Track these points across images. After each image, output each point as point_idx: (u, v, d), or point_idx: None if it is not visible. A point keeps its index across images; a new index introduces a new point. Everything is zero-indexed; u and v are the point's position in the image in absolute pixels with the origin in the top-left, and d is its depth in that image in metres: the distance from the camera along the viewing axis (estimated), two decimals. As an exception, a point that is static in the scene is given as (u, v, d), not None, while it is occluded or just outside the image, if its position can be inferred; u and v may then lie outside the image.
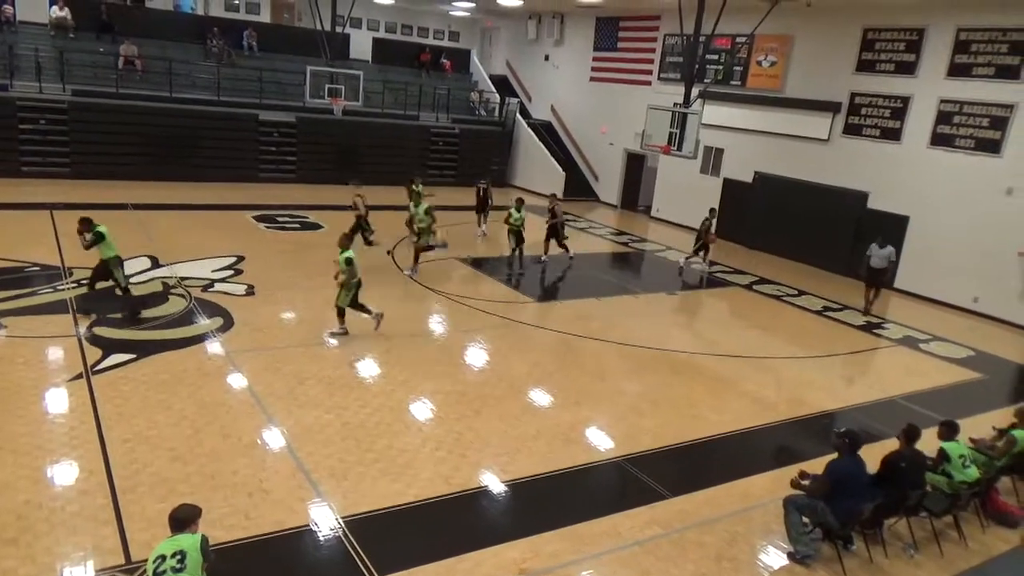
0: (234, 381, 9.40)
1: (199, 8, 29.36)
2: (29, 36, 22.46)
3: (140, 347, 10.02)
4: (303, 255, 15.98)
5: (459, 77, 30.68)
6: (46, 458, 7.20)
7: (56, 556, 5.87)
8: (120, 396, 8.59)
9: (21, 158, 20.06)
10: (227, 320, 11.40)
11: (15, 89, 20.23)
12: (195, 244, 15.32)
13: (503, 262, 17.81)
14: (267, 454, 7.74)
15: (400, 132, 25.97)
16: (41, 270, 12.81)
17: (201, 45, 25.10)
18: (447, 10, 33.13)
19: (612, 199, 26.87)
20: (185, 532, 4.74)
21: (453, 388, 9.85)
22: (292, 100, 23.97)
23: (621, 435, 9.07)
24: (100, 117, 20.89)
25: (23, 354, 9.47)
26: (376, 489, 7.27)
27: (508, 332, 12.40)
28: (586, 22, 27.37)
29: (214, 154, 22.52)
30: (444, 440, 8.39)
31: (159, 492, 6.76)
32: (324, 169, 24.18)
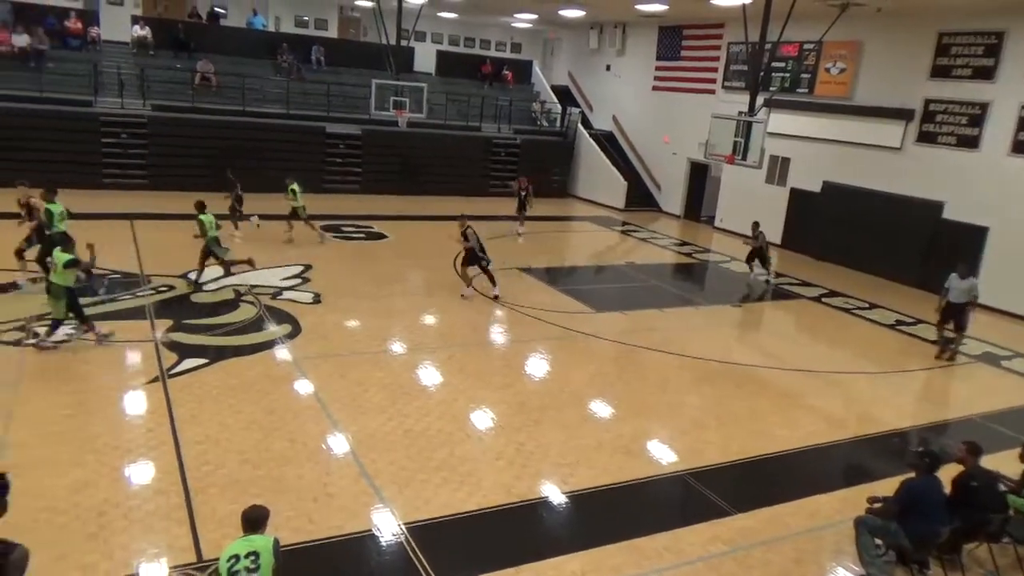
0: (301, 387, 9.63)
1: (270, 25, 30.37)
2: (113, 55, 23.62)
3: (213, 352, 10.36)
4: (367, 264, 16.29)
5: (521, 88, 30.88)
6: (124, 458, 7.50)
7: (133, 553, 6.10)
8: (194, 399, 8.89)
9: (103, 171, 21.04)
10: (295, 327, 11.70)
11: (99, 105, 21.27)
12: (265, 253, 15.76)
13: (564, 272, 17.82)
14: (331, 459, 7.89)
15: (462, 143, 26.27)
16: (122, 277, 13.37)
17: (272, 61, 25.95)
18: (510, 22, 33.43)
19: (675, 209, 26.56)
20: (257, 532, 4.84)
21: (514, 398, 9.87)
22: (358, 113, 24.51)
23: (683, 448, 8.93)
24: (177, 131, 21.77)
25: (103, 358, 9.91)
26: (438, 497, 7.33)
27: (568, 342, 12.36)
28: (648, 31, 27.22)
29: (283, 166, 23.06)
30: (505, 450, 8.41)
31: (229, 494, 6.96)
32: (388, 180, 24.63)
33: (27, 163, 19.60)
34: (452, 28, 34.57)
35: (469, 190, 25.73)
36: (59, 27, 23.02)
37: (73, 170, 20.25)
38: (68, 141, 20.44)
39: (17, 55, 21.23)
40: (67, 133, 20.45)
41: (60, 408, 8.36)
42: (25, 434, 7.74)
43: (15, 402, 8.40)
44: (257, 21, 29.10)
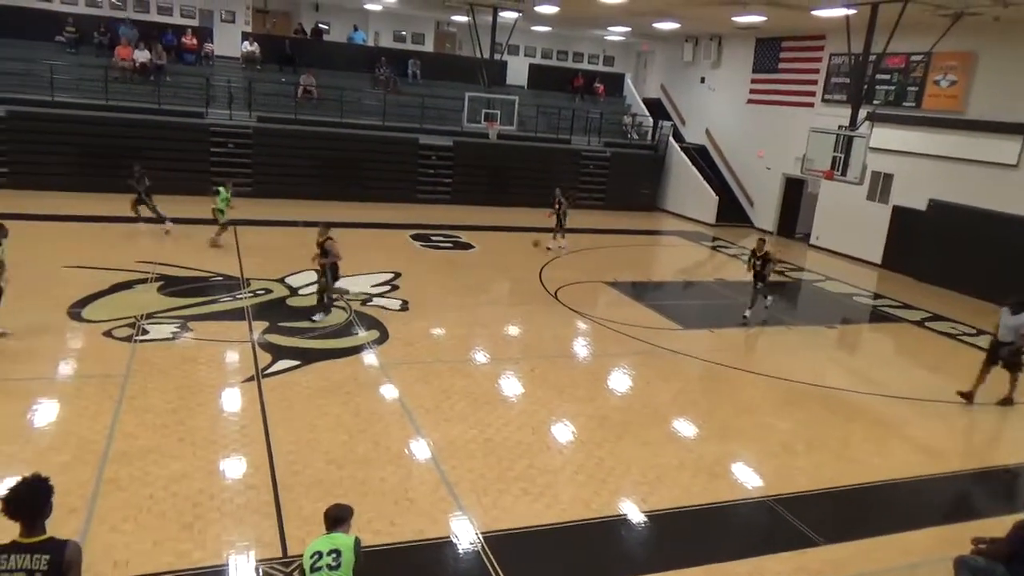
0: (386, 392, 9.87)
1: (370, 40, 31.40)
2: (223, 69, 24.97)
3: (305, 355, 10.75)
4: (455, 273, 16.55)
5: (612, 101, 30.78)
6: (220, 452, 7.87)
7: (223, 544, 6.38)
8: (285, 399, 9.25)
9: (212, 179, 22.18)
10: (383, 333, 12.00)
11: (209, 116, 22.51)
12: (357, 260, 16.25)
13: (650, 287, 17.60)
14: (413, 464, 8.04)
15: (551, 155, 26.38)
16: (224, 280, 14.07)
17: (370, 74, 26.82)
18: (602, 35, 33.40)
19: (768, 225, 25.81)
20: (339, 531, 4.96)
21: (595, 412, 9.80)
22: (450, 125, 25.00)
23: (770, 473, 8.64)
24: (279, 141, 22.78)
25: (204, 356, 10.44)
26: (516, 507, 7.35)
27: (653, 358, 12.19)
28: (745, 43, 26.64)
29: (377, 176, 23.90)
30: (585, 464, 8.35)
31: (315, 493, 7.19)
32: (478, 191, 24.98)
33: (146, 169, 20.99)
34: (545, 41, 34.82)
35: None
36: (176, 43, 24.56)
37: (185, 177, 21.47)
38: (181, 150, 21.70)
39: (138, 70, 22.74)
40: (180, 143, 21.71)
41: (164, 402, 8.86)
42: (133, 425, 8.23)
43: (124, 395, 8.95)
44: (358, 36, 30.16)
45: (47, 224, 16.26)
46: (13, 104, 20.31)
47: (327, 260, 12.03)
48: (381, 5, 29.91)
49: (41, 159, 20.27)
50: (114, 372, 9.53)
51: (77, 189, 19.79)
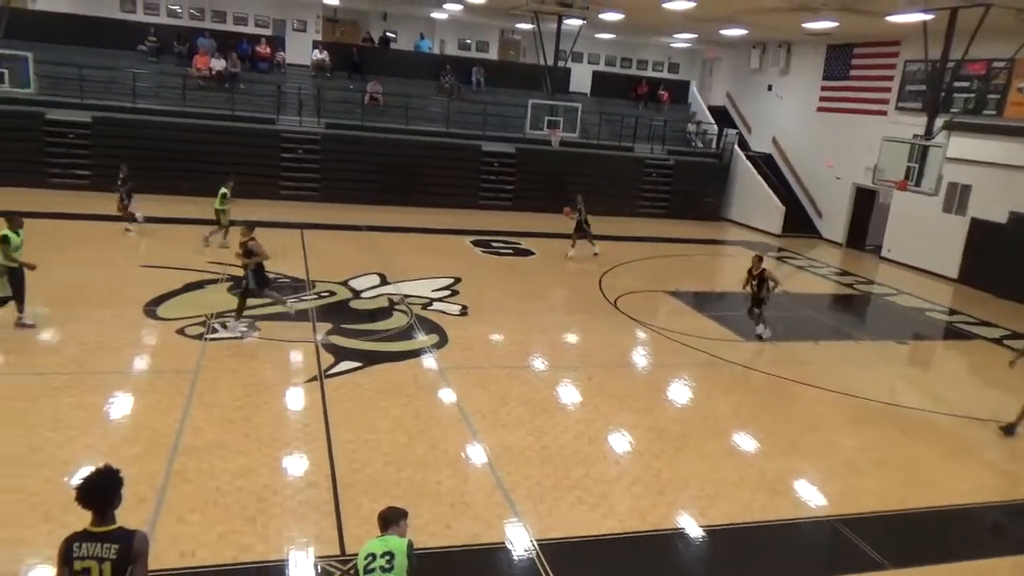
0: (444, 396, 9.96)
1: (435, 48, 31.85)
2: (294, 77, 25.71)
3: (366, 357, 10.94)
4: (514, 279, 16.61)
5: (676, 108, 30.44)
6: (283, 449, 8.07)
7: (284, 539, 6.54)
8: (347, 400, 9.43)
9: (281, 183, 22.86)
10: (442, 337, 12.12)
11: (280, 123, 23.18)
12: (419, 265, 16.49)
13: (712, 298, 17.31)
14: (470, 469, 8.08)
15: (614, 163, 26.23)
16: (290, 282, 14.44)
17: (435, 82, 27.20)
18: (668, 42, 33.10)
19: (836, 237, 25.08)
20: (392, 532, 5.01)
21: (654, 423, 9.68)
22: (513, 132, 25.14)
23: (835, 492, 8.37)
24: (346, 147, 23.29)
25: (270, 355, 10.74)
26: (571, 516, 7.31)
27: (714, 370, 11.98)
28: (815, 50, 26.00)
29: (440, 182, 24.17)
30: (642, 475, 8.26)
31: (373, 493, 7.30)
32: (539, 198, 25.01)
33: (218, 174, 21.73)
34: (609, 49, 34.70)
35: (619, 210, 25.62)
36: (251, 52, 25.41)
37: (256, 182, 22.17)
38: (252, 155, 22.39)
39: (214, 78, 23.60)
40: (252, 148, 22.41)
41: (231, 399, 9.14)
42: (201, 420, 8.52)
43: (194, 391, 9.27)
44: (424, 44, 30.64)
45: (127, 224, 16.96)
46: (98, 110, 21.31)
47: (251, 260, 11.40)
48: (447, 14, 30.30)
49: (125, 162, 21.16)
50: (185, 368, 9.88)
51: (156, 192, 20.59)
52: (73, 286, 12.86)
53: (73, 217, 17.72)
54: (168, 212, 18.97)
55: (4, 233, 10.43)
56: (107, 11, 27.24)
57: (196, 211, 17.76)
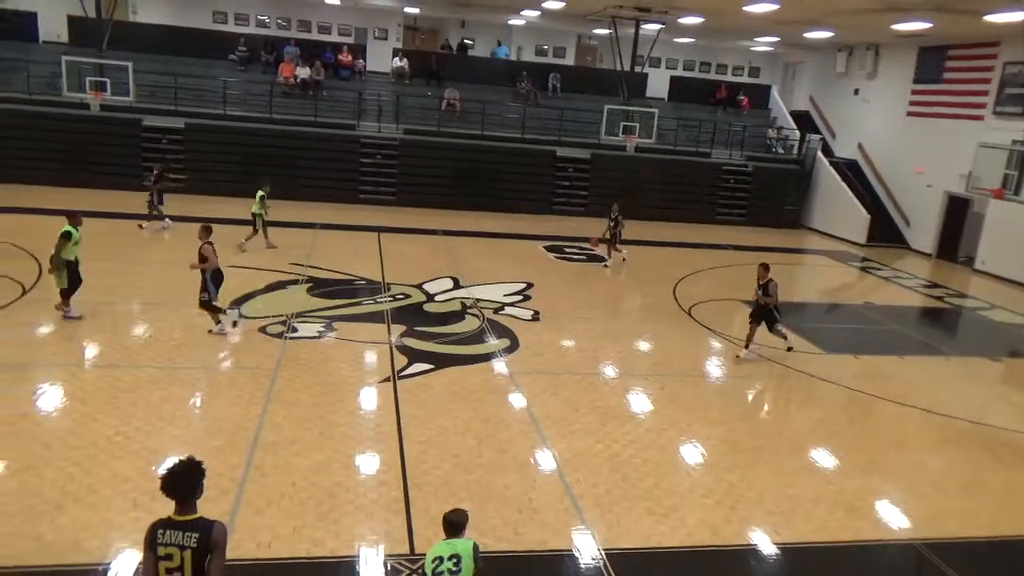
0: (514, 400, 9.99)
1: (512, 54, 32.08)
2: (375, 84, 26.37)
3: (438, 359, 11.08)
4: (586, 286, 16.53)
5: (756, 113, 29.75)
6: (356, 447, 8.26)
7: (355, 535, 6.68)
8: (418, 401, 9.57)
9: (360, 187, 23.44)
10: (513, 342, 12.17)
11: (360, 129, 23.78)
12: (491, 269, 16.61)
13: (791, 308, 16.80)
14: (538, 474, 8.08)
15: (690, 169, 25.82)
16: (366, 284, 14.77)
17: (511, 88, 27.39)
18: (749, 46, 32.38)
19: (926, 247, 23.98)
20: (459, 536, 5.07)
21: (728, 435, 9.46)
22: (588, 137, 25.07)
23: (920, 515, 7.99)
24: (423, 153, 23.70)
25: (346, 355, 11.00)
26: (640, 526, 7.22)
27: (792, 383, 11.62)
28: (905, 52, 24.96)
29: (514, 187, 24.31)
30: (714, 488, 8.08)
31: (442, 494, 7.39)
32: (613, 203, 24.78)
33: (300, 178, 22.53)
34: (687, 53, 34.20)
35: (695, 216, 25.23)
36: (334, 60, 26.19)
37: (336, 186, 22.86)
38: (333, 160, 23.09)
39: (299, 85, 24.41)
40: (333, 153, 23.09)
41: (308, 396, 9.40)
42: (279, 416, 8.80)
43: (274, 388, 9.58)
44: (501, 51, 30.91)
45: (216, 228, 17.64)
46: (191, 117, 22.34)
47: (203, 266, 11.07)
48: (524, 20, 30.48)
49: (213, 167, 22.16)
50: (266, 366, 10.23)
51: (243, 195, 21.39)
52: (167, 284, 13.51)
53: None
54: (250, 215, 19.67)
55: (66, 229, 11.04)
56: (201, 22, 28.58)
57: (279, 214, 18.37)
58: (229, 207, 19.08)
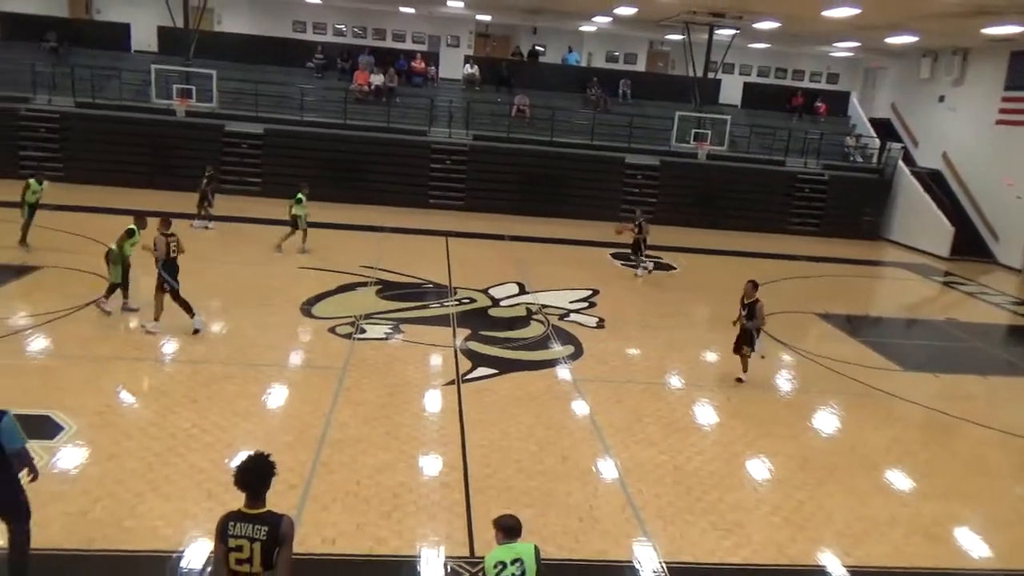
0: (577, 408, 9.95)
1: (583, 61, 32.05)
2: (446, 90, 26.73)
3: (502, 364, 11.13)
4: (653, 294, 16.34)
5: (834, 121, 28.84)
6: (419, 448, 8.37)
7: (417, 536, 6.77)
8: (482, 405, 9.64)
9: (430, 192, 23.78)
10: (577, 349, 12.12)
11: (431, 135, 24.15)
12: (558, 275, 16.59)
13: (867, 322, 16.24)
14: (600, 483, 8.02)
15: (763, 177, 25.24)
16: (434, 287, 14.97)
17: (581, 94, 27.34)
18: (827, 51, 31.51)
19: (1014, 262, 22.77)
20: (517, 540, 5.03)
21: (797, 451, 9.19)
22: (658, 144, 24.80)
23: (1003, 544, 7.59)
24: (492, 158, 23.89)
25: (412, 357, 11.17)
26: (703, 541, 7.08)
27: (867, 400, 11.20)
28: (996, 57, 23.81)
29: (582, 193, 24.23)
30: (782, 506, 7.86)
31: (503, 498, 7.41)
32: (681, 211, 24.50)
33: (372, 183, 23.02)
34: (762, 59, 33.51)
35: (767, 226, 24.62)
36: (407, 67, 26.68)
37: (406, 191, 23.24)
38: (404, 165, 23.49)
39: (373, 92, 24.96)
40: (404, 159, 23.50)
41: (375, 397, 9.58)
42: (346, 415, 9.00)
43: (342, 387, 9.80)
44: (571, 57, 30.92)
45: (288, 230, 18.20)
46: (269, 123, 23.10)
47: (155, 253, 10.90)
48: (596, 26, 30.43)
49: (289, 171, 22.78)
50: (334, 365, 10.47)
51: (318, 199, 21.98)
52: (242, 284, 14.01)
53: (244, 220, 19.22)
54: (326, 218, 20.19)
55: (131, 227, 11.48)
56: (281, 31, 29.59)
57: (349, 216, 18.83)
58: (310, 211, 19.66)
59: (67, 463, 7.38)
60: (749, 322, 10.93)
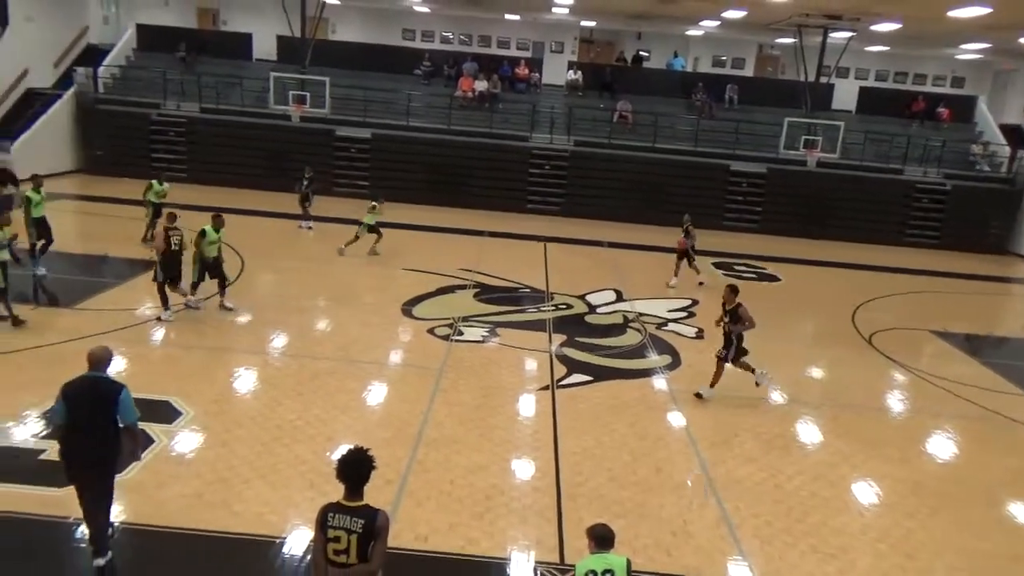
0: (673, 419, 9.77)
1: (688, 66, 31.48)
2: (548, 96, 26.86)
3: (598, 371, 11.06)
4: (756, 306, 15.76)
5: (959, 127, 27.13)
6: (512, 452, 8.43)
7: (508, 538, 6.82)
8: (575, 412, 9.61)
9: (528, 197, 23.94)
10: (675, 359, 11.91)
11: (532, 140, 24.31)
12: (656, 284, 16.33)
13: (990, 342, 15.17)
14: (694, 497, 7.84)
15: (878, 186, 24.02)
16: (530, 292, 15.05)
17: (686, 100, 26.87)
18: (952, 54, 29.68)
19: None
20: (609, 550, 4.98)
21: (908, 476, 8.69)
22: (765, 151, 24.05)
23: None
24: (592, 164, 23.82)
25: (507, 360, 11.27)
26: (803, 565, 6.79)
27: (987, 425, 10.47)
28: None
29: (683, 200, 23.67)
30: (889, 532, 7.45)
31: (595, 507, 7.36)
32: (788, 221, 23.66)
33: (473, 187, 23.41)
34: (880, 62, 31.93)
35: (881, 237, 23.41)
36: (511, 73, 26.99)
37: (505, 195, 23.49)
38: (504, 170, 23.77)
39: (476, 98, 25.38)
40: (504, 163, 23.79)
41: (470, 398, 9.72)
42: (442, 414, 9.17)
43: (439, 387, 10.00)
44: (677, 62, 30.43)
45: (395, 232, 18.75)
46: (378, 128, 23.88)
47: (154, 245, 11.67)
48: (703, 31, 29.83)
49: (396, 175, 23.52)
50: (432, 366, 10.70)
51: (423, 202, 22.61)
52: (347, 283, 14.54)
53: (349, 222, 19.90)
54: (429, 220, 20.70)
55: (204, 228, 11.90)
56: (391, 39, 30.54)
57: (449, 220, 19.19)
58: (409, 213, 20.20)
59: (184, 447, 7.87)
60: (734, 327, 10.19)
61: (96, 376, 5.70)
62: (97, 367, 5.72)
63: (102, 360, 5.75)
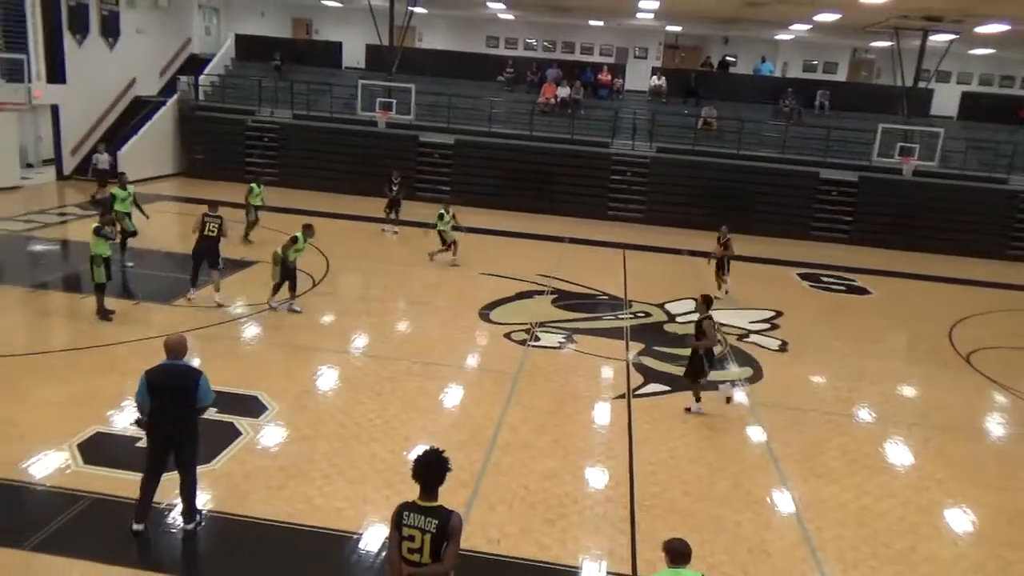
0: (753, 433, 9.51)
1: (777, 71, 30.65)
2: (631, 102, 26.66)
3: (675, 382, 10.87)
4: (843, 318, 15.27)
5: (1076, 134, 25.43)
6: (586, 460, 8.38)
7: (580, 547, 6.78)
8: (651, 422, 9.48)
9: (609, 204, 23.79)
10: (756, 371, 11.59)
11: (613, 147, 24.16)
12: (737, 294, 15.93)
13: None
14: (774, 515, 7.60)
15: (979, 196, 22.74)
16: (608, 299, 14.94)
17: (773, 105, 26.16)
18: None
19: None
20: (684, 566, 4.88)
21: (1008, 504, 8.18)
22: (857, 159, 23.16)
23: None
24: (674, 171, 23.48)
25: (583, 368, 11.22)
26: (888, 591, 6.50)
27: (1100, 455, 9.75)
28: None
29: (770, 209, 23.15)
30: (985, 564, 7.03)
31: (669, 520, 7.23)
32: (880, 231, 22.70)
33: (554, 193, 23.44)
34: (985, 66, 30.29)
35: (981, 250, 22.16)
36: (594, 79, 26.92)
37: (586, 202, 23.40)
38: (585, 176, 23.69)
39: (558, 104, 25.42)
40: (585, 170, 23.71)
41: (545, 404, 9.72)
42: (517, 419, 9.21)
43: (514, 392, 10.05)
44: (765, 68, 29.67)
45: (475, 237, 18.96)
46: (460, 134, 24.22)
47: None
48: (793, 35, 29.00)
49: (478, 180, 23.81)
50: (508, 370, 10.76)
51: (502, 208, 22.80)
52: (428, 286, 14.80)
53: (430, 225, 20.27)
54: (509, 226, 20.82)
55: (296, 235, 12.22)
56: (476, 46, 30.96)
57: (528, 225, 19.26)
58: (490, 218, 20.40)
59: (269, 440, 8.17)
60: (698, 342, 9.61)
61: (176, 363, 6.18)
62: (175, 354, 6.18)
63: (179, 347, 6.22)
